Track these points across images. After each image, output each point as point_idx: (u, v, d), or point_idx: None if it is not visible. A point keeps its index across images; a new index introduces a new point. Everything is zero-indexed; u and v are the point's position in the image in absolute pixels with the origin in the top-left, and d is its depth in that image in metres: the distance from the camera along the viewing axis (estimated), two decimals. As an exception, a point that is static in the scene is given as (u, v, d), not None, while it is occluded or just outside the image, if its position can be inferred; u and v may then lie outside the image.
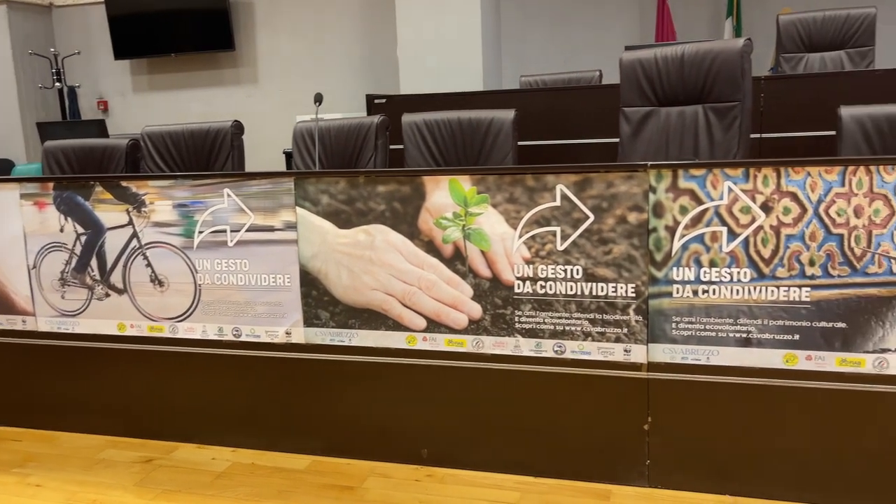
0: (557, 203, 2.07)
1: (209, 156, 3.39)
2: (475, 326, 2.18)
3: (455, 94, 3.94)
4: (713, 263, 1.96)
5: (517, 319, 2.15)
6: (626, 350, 2.06)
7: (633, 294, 2.04)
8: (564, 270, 2.09)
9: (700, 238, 1.96)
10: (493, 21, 5.59)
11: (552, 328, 2.12)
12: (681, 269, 1.99)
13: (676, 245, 1.98)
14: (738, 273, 1.94)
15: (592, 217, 2.05)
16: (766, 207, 1.90)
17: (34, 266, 2.56)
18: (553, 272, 2.10)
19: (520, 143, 3.27)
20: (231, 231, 2.35)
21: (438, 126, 3.18)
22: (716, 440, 2.02)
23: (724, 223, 1.94)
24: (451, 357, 2.20)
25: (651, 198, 1.99)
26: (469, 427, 2.21)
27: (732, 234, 1.94)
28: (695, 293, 1.99)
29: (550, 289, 2.11)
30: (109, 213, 2.46)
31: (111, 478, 2.29)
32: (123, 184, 2.44)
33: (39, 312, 2.58)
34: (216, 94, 6.77)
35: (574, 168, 2.05)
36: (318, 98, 2.88)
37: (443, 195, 2.15)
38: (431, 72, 5.25)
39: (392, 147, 3.53)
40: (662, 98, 3.00)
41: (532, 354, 2.14)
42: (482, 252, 2.14)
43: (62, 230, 2.52)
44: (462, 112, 3.18)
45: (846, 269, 1.87)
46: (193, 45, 6.63)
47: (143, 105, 7.04)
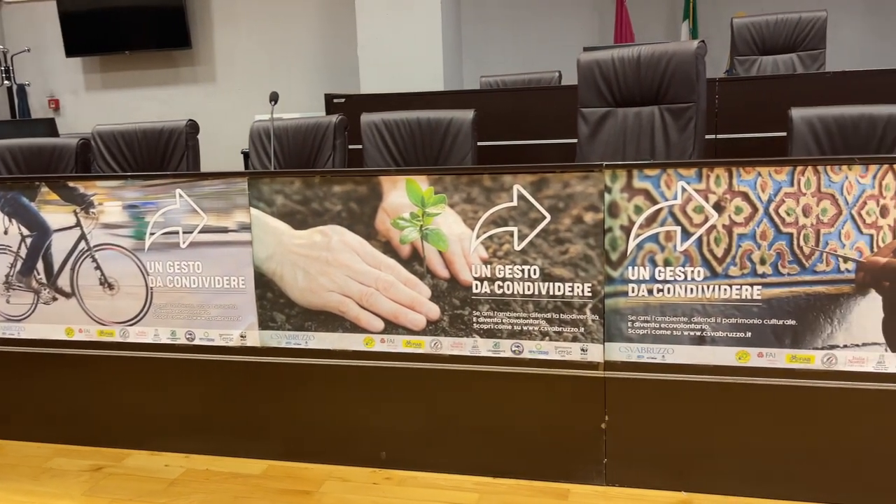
0: (514, 203, 2.07)
1: (163, 156, 3.31)
2: (433, 327, 2.17)
3: (414, 94, 3.92)
4: (667, 263, 1.98)
5: (475, 320, 2.14)
6: (583, 349, 2.07)
7: (590, 293, 2.05)
8: (522, 270, 2.09)
9: (655, 237, 1.98)
10: (454, 21, 5.58)
11: (510, 328, 2.12)
12: (636, 269, 2.00)
13: (631, 244, 2.00)
14: (692, 272, 1.97)
15: (549, 217, 2.05)
16: (719, 207, 1.93)
17: (-23, 269, 2.47)
18: (510, 272, 2.10)
19: (480, 144, 3.27)
20: (183, 232, 2.30)
21: (398, 126, 3.16)
22: (671, 437, 2.04)
23: (678, 223, 1.96)
24: (410, 358, 2.18)
25: (606, 198, 2.00)
26: (428, 428, 2.20)
27: (686, 234, 1.96)
28: (650, 292, 2.00)
29: (508, 289, 2.11)
30: (56, 215, 2.39)
31: (59, 487, 2.22)
32: (71, 184, 2.37)
33: (-17, 317, 2.50)
34: (173, 93, 6.64)
35: (530, 168, 2.05)
36: (274, 97, 2.83)
37: (400, 195, 2.13)
38: (392, 72, 5.22)
39: (351, 147, 3.50)
40: (620, 99, 3.03)
41: (490, 355, 2.14)
42: (440, 252, 2.13)
43: (6, 232, 2.43)
44: (421, 112, 3.17)
45: (795, 268, 1.90)
46: (148, 43, 6.49)
47: (97, 104, 6.87)
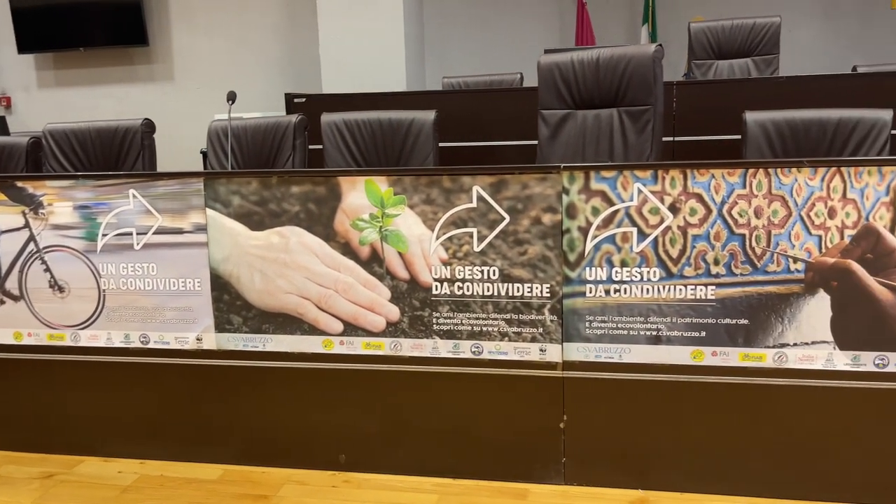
0: (474, 204, 2.08)
1: (118, 156, 3.24)
2: (393, 329, 2.16)
3: (376, 95, 3.91)
4: (624, 263, 2.00)
5: (435, 321, 2.14)
6: (542, 349, 2.09)
7: (548, 294, 2.06)
8: (481, 271, 2.10)
9: (611, 238, 2.00)
10: (416, 21, 5.58)
11: (470, 329, 2.12)
12: (593, 269, 2.02)
13: (589, 245, 2.02)
14: (648, 272, 1.99)
15: (508, 218, 2.06)
16: (674, 208, 1.96)
17: (-80, 272, 2.39)
18: (470, 273, 2.10)
19: (442, 145, 3.27)
20: (137, 234, 2.25)
21: (358, 126, 3.14)
22: (628, 436, 2.06)
23: (635, 224, 1.98)
24: (369, 360, 2.17)
25: (564, 199, 2.01)
26: (387, 430, 2.19)
27: (642, 235, 1.98)
28: (607, 292, 2.02)
29: (468, 290, 2.11)
30: (4, 216, 2.32)
31: (8, 496, 2.16)
32: (19, 184, 2.30)
33: (-74, 322, 2.41)
34: (129, 92, 6.49)
35: (489, 170, 2.06)
36: (231, 97, 2.79)
37: (359, 196, 2.12)
38: (354, 72, 5.19)
39: (312, 147, 3.47)
40: (579, 101, 3.05)
41: (450, 356, 2.14)
42: (399, 254, 2.12)
43: (-49, 233, 2.36)
44: (382, 112, 3.15)
45: (748, 268, 1.94)
46: (104, 40, 6.33)
47: (50, 102, 6.68)
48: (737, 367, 1.98)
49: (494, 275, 2.09)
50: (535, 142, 3.16)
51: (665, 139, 3.63)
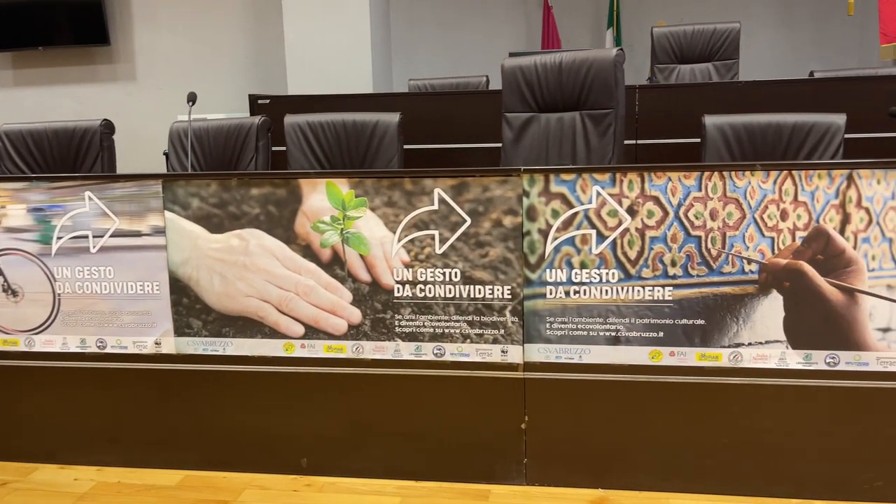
0: (435, 207, 2.08)
1: (76, 157, 3.18)
2: (355, 332, 2.15)
3: (341, 96, 3.89)
4: (583, 265, 2.02)
5: (397, 323, 2.14)
6: (504, 351, 2.10)
7: (509, 296, 2.07)
8: (443, 273, 2.10)
9: (571, 241, 2.02)
10: (383, 23, 5.57)
11: (432, 331, 2.13)
12: (553, 271, 2.04)
13: (549, 247, 2.03)
14: (607, 274, 2.02)
15: (469, 221, 2.07)
16: (632, 211, 1.98)
17: None
18: (432, 275, 2.11)
19: (407, 147, 3.27)
20: (93, 237, 2.21)
21: (322, 128, 3.13)
22: (589, 436, 2.08)
23: (594, 226, 2.01)
24: (331, 363, 2.16)
25: (525, 202, 2.03)
26: (349, 434, 2.18)
27: (601, 237, 2.01)
28: (567, 294, 2.04)
29: (430, 292, 2.11)
30: (-46, 218, 2.26)
31: (-42, 506, 2.10)
32: (-30, 186, 2.25)
33: None
34: (90, 92, 6.38)
35: (451, 172, 2.07)
36: (192, 97, 2.76)
37: (320, 198, 2.11)
38: (320, 73, 5.17)
39: (276, 149, 3.44)
40: (542, 104, 3.08)
41: (412, 358, 2.14)
42: (361, 256, 2.12)
43: None
44: (346, 114, 3.14)
45: (704, 269, 1.98)
46: (64, 39, 6.21)
47: (8, 102, 6.53)
48: (694, 367, 2.01)
49: (456, 277, 2.09)
50: (500, 144, 3.18)
51: (628, 142, 3.68)
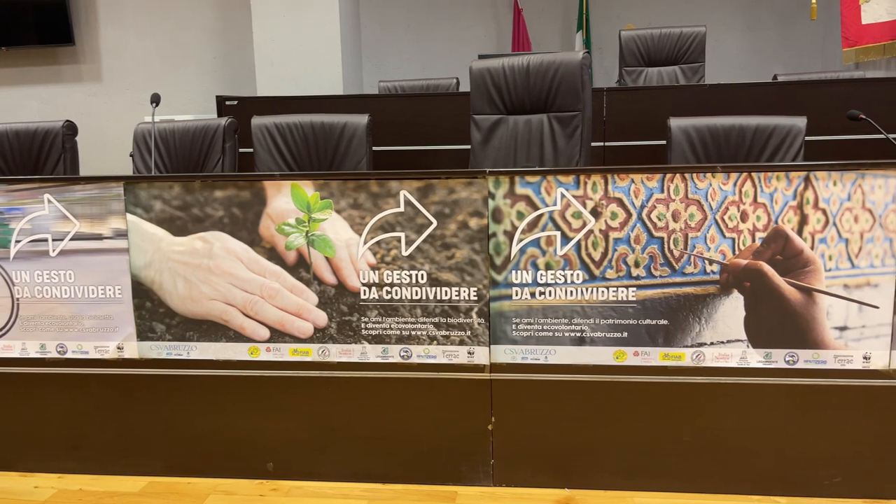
0: (401, 209, 2.08)
1: (37, 159, 3.13)
2: (321, 334, 2.14)
3: (310, 98, 3.87)
4: (549, 266, 2.04)
5: (364, 326, 2.13)
6: (470, 352, 2.10)
7: (476, 297, 2.08)
8: (409, 275, 2.10)
9: (536, 242, 2.03)
10: (353, 25, 5.56)
11: (398, 333, 2.12)
12: (519, 273, 2.05)
13: (515, 249, 2.04)
14: (572, 275, 2.03)
15: (435, 223, 2.07)
16: (596, 212, 2.00)
17: None
18: (398, 277, 2.10)
19: (376, 149, 3.27)
20: (53, 240, 2.17)
21: (290, 130, 3.11)
22: (555, 436, 2.10)
23: (558, 228, 2.02)
24: (297, 367, 2.15)
25: (490, 204, 2.04)
26: (316, 437, 2.17)
27: (566, 238, 2.02)
28: (532, 295, 2.05)
29: (396, 294, 2.11)
30: None
31: (-88, 517, 2.05)
32: (-75, 189, 2.19)
33: None
34: (55, 93, 6.27)
35: (416, 174, 2.07)
36: (155, 98, 2.73)
37: (285, 201, 2.10)
38: (290, 75, 5.14)
39: (243, 151, 3.42)
40: (510, 107, 3.10)
41: (379, 360, 2.14)
42: (327, 258, 2.11)
43: None
44: (314, 116, 3.13)
45: (667, 270, 2.00)
46: (27, 39, 6.10)
47: (-29, 102, 6.40)
48: (657, 367, 2.04)
49: (422, 279, 2.09)
50: (469, 146, 3.19)
51: (596, 144, 3.72)
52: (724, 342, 2.01)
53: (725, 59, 5.85)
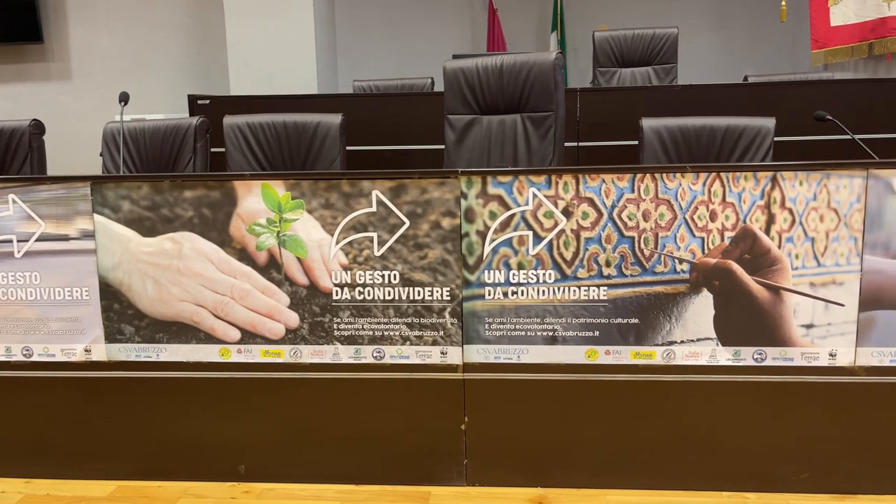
0: (374, 209, 2.07)
1: (3, 158, 3.08)
2: (293, 336, 2.13)
3: (283, 97, 3.85)
4: (521, 266, 2.04)
5: (336, 327, 2.12)
6: (443, 352, 2.10)
7: (448, 297, 2.08)
8: (382, 276, 2.09)
9: (508, 242, 2.04)
10: (328, 24, 5.53)
11: (371, 334, 2.12)
12: (492, 272, 2.05)
13: (487, 249, 2.05)
14: (544, 275, 2.04)
15: (408, 223, 2.07)
16: (567, 212, 2.01)
17: None
18: (371, 278, 2.10)
19: (350, 148, 3.25)
20: (18, 241, 2.13)
21: (262, 129, 3.09)
22: (528, 435, 2.10)
23: (530, 227, 2.03)
24: (268, 368, 2.13)
25: (463, 204, 2.04)
26: (288, 439, 2.16)
27: (538, 238, 2.03)
28: (505, 295, 2.06)
29: (369, 294, 2.10)
30: None
31: None
32: None
33: None
34: (22, 91, 6.15)
35: (389, 174, 2.06)
36: (124, 97, 2.69)
37: (256, 201, 2.08)
38: (263, 74, 5.10)
39: (215, 150, 3.38)
40: (484, 107, 3.10)
41: (351, 361, 2.13)
42: (298, 259, 2.10)
43: None
44: (287, 115, 3.11)
45: (637, 269, 2.02)
46: (-6, 36, 5.99)
47: (-65, 101, 6.27)
48: (629, 365, 2.05)
49: (395, 279, 2.09)
50: (443, 146, 3.19)
51: (570, 144, 3.74)
52: (694, 340, 2.03)
53: (698, 60, 5.92)
